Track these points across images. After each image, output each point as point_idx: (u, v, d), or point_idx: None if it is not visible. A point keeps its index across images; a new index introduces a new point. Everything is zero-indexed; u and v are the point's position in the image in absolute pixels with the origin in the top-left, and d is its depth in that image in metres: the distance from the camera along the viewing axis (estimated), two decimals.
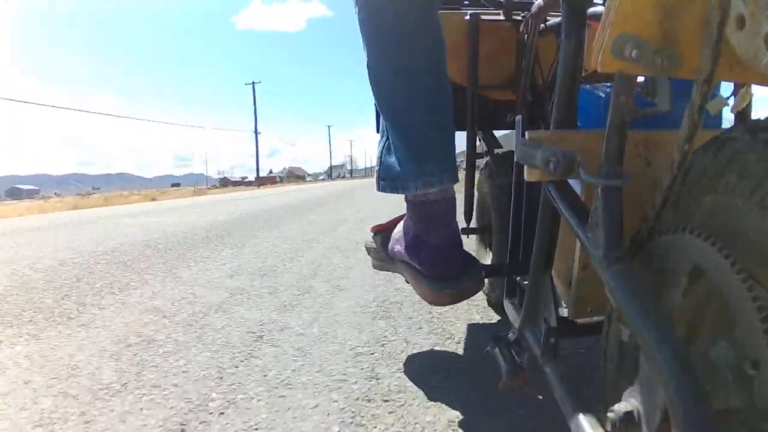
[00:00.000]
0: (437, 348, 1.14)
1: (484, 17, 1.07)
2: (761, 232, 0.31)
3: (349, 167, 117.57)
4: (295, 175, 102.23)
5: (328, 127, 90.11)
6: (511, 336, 0.74)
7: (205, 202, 9.27)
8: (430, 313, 1.39)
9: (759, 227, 0.31)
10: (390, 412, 0.84)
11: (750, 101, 0.56)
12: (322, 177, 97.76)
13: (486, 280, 1.29)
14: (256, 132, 36.81)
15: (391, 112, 0.82)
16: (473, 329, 1.26)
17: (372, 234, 1.06)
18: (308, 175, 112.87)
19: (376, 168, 0.88)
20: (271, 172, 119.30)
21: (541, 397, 0.85)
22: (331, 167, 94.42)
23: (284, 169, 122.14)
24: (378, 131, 1.03)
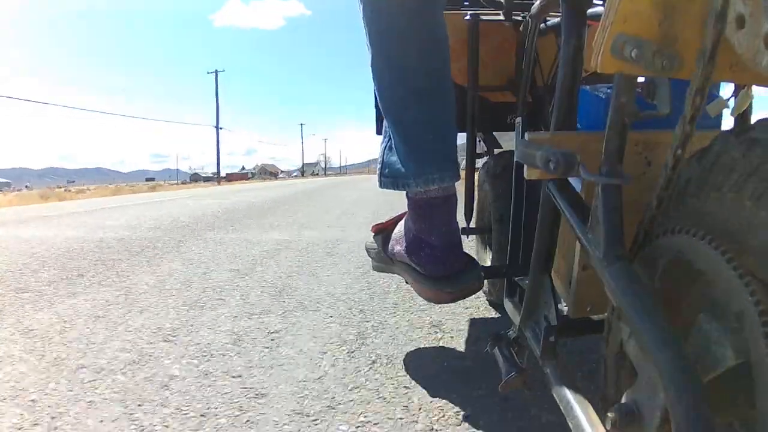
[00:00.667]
0: None
1: (483, 17, 1.07)
2: (762, 232, 0.31)
3: (323, 165, 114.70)
4: (268, 172, 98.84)
5: (301, 125, 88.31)
6: (511, 335, 0.74)
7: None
8: None
9: (760, 228, 0.31)
10: None
11: (750, 103, 0.56)
12: (295, 174, 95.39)
13: (486, 281, 1.29)
14: (217, 125, 33.61)
15: (393, 111, 0.82)
16: None
17: (372, 234, 1.06)
18: (281, 171, 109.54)
19: (378, 166, 0.88)
20: (243, 168, 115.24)
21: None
22: (303, 165, 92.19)
23: (257, 165, 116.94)
24: (378, 133, 1.03)
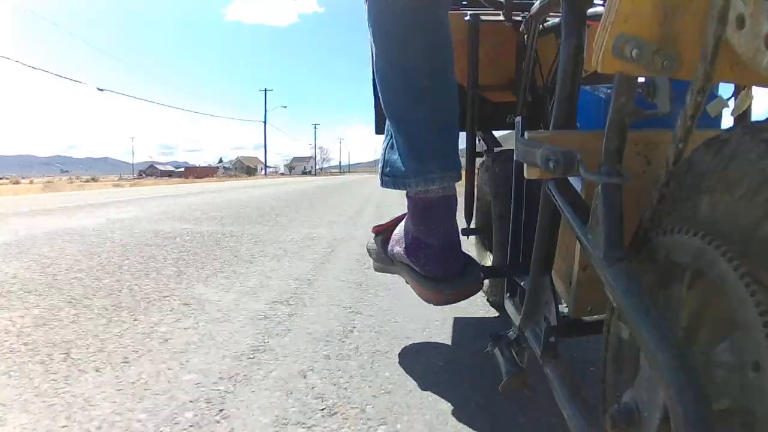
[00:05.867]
0: None
1: (484, 18, 1.07)
2: (762, 232, 0.31)
3: (315, 161, 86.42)
4: (245, 167, 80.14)
5: (265, 90, 53.61)
6: (512, 335, 0.74)
7: None
8: None
9: (759, 227, 0.31)
10: None
11: (750, 104, 0.56)
12: (281, 172, 77.13)
13: (486, 281, 1.29)
14: None
15: (395, 110, 0.83)
16: None
17: (373, 235, 1.06)
18: (269, 167, 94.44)
19: (380, 164, 0.89)
20: (221, 161, 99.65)
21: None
22: (265, 160, 54.98)
23: (236, 159, 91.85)
24: (377, 132, 1.03)
